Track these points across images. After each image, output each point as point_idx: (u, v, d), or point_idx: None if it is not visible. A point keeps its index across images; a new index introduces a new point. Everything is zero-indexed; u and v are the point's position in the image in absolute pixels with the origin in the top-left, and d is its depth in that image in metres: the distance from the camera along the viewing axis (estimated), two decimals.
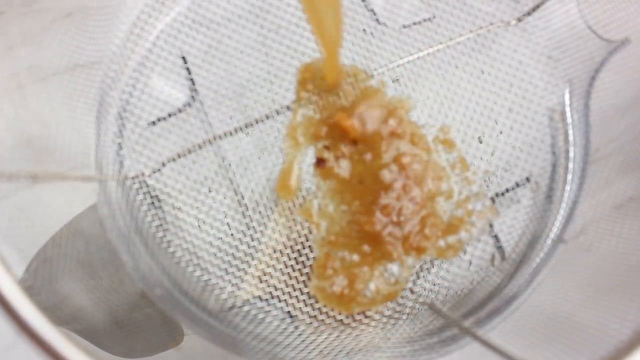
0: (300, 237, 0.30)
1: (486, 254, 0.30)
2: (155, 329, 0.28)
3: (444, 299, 0.30)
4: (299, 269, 0.29)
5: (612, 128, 0.28)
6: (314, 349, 0.30)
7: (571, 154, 0.29)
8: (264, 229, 0.31)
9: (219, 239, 0.31)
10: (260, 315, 0.30)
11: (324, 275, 0.28)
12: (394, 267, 0.28)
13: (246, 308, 0.30)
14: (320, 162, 0.29)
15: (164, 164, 0.31)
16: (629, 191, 0.26)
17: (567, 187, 0.30)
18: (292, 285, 0.29)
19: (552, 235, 0.30)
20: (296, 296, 0.29)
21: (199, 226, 0.31)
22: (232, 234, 0.31)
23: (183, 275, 0.30)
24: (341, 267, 0.28)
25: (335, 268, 0.28)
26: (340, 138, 0.29)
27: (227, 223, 0.31)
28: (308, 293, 0.29)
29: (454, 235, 0.29)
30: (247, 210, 0.32)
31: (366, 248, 0.28)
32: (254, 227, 0.31)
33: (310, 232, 0.29)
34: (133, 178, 0.30)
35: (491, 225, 0.30)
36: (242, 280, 0.30)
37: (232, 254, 0.30)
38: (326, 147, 0.30)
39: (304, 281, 0.29)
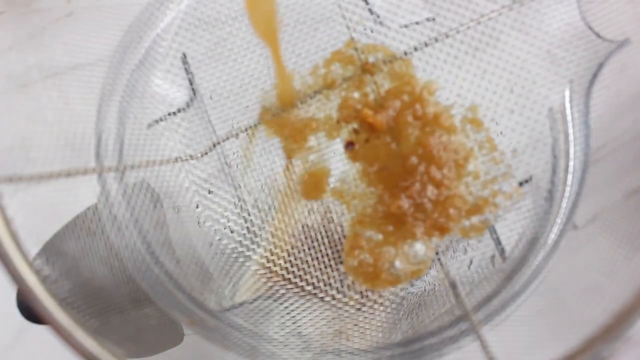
0: (329, 213, 0.31)
1: (486, 254, 0.30)
2: (155, 329, 0.29)
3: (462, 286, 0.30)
4: (331, 247, 0.30)
5: (612, 128, 0.28)
6: (313, 345, 0.30)
7: (571, 154, 0.29)
8: (263, 229, 0.31)
9: (219, 239, 0.31)
10: (260, 314, 0.30)
11: (353, 253, 0.29)
12: (418, 246, 0.29)
13: (246, 307, 0.30)
14: (349, 145, 0.30)
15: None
16: (629, 190, 0.26)
17: (568, 188, 0.30)
18: (322, 262, 0.30)
19: (552, 236, 0.30)
20: (320, 269, 0.30)
21: (199, 225, 0.31)
22: (232, 233, 0.31)
23: (183, 274, 0.30)
24: (369, 246, 0.29)
25: (363, 246, 0.29)
26: (368, 125, 0.31)
27: (227, 222, 0.32)
28: (336, 269, 0.30)
29: (479, 215, 0.29)
30: (248, 209, 0.32)
31: (392, 228, 0.29)
32: (254, 227, 0.31)
33: (342, 214, 0.30)
34: (132, 168, 0.30)
35: (492, 225, 0.30)
36: (242, 280, 0.30)
37: (233, 254, 0.30)
38: (355, 131, 0.31)
39: (334, 259, 0.30)
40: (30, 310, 0.26)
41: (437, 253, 0.30)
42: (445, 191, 0.29)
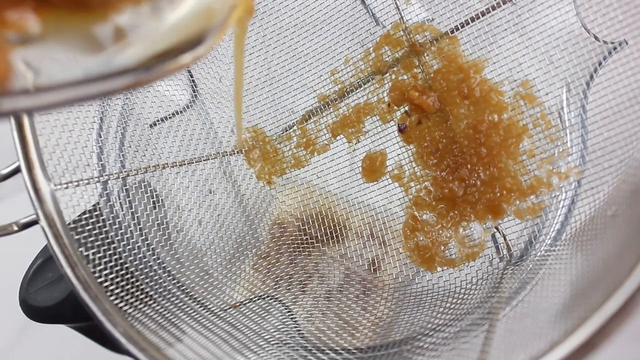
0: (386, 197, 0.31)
1: (485, 253, 0.30)
2: (155, 328, 0.29)
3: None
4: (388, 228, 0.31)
5: (609, 129, 0.28)
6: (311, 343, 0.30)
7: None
8: (260, 228, 0.31)
9: (219, 237, 0.31)
10: (260, 313, 0.30)
11: (409, 234, 0.30)
12: (473, 229, 0.29)
13: (245, 307, 0.30)
14: (402, 127, 0.31)
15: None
16: (625, 193, 0.26)
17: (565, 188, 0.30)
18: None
19: (550, 235, 0.30)
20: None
21: (199, 225, 0.32)
22: (232, 232, 0.31)
23: (184, 274, 0.30)
24: (424, 228, 0.29)
25: (419, 228, 0.30)
26: (417, 107, 0.31)
27: (227, 222, 0.32)
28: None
29: (533, 196, 0.28)
30: (247, 208, 0.32)
31: (446, 210, 0.29)
32: (253, 225, 0.31)
33: (395, 196, 0.31)
34: (135, 176, 0.30)
35: (497, 227, 0.30)
36: (241, 279, 0.30)
37: (232, 253, 0.30)
38: (407, 113, 0.31)
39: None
40: (33, 309, 0.26)
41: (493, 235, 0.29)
42: (496, 172, 0.28)
